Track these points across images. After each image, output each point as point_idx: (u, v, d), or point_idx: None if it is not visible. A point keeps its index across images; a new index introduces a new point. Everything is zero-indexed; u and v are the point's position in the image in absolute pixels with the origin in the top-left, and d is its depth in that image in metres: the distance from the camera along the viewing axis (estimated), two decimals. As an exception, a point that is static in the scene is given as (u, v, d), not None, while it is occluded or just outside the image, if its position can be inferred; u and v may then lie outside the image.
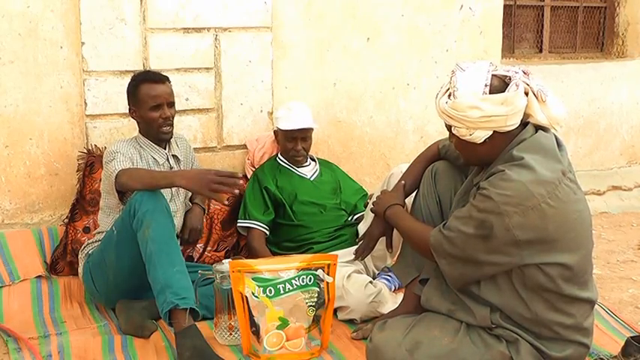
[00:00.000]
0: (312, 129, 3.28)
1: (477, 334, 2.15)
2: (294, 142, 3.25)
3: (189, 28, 3.38)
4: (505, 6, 4.26)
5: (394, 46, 3.92)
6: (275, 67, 3.61)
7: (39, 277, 3.10)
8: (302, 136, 3.25)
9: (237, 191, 2.44)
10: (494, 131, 2.09)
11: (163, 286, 2.46)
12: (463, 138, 2.13)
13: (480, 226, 2.07)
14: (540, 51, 4.79)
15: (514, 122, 2.09)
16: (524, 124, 2.14)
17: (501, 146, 2.12)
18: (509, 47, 4.60)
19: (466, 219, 2.11)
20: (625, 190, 4.78)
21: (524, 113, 2.11)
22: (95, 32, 3.22)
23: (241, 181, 2.37)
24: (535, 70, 4.46)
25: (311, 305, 2.46)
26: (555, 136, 2.16)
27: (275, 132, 3.35)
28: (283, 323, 2.44)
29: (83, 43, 3.22)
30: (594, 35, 4.98)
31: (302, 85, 3.72)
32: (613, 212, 4.64)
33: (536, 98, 2.11)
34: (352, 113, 3.89)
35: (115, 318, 2.79)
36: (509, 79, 2.09)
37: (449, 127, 2.20)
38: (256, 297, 2.41)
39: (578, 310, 2.13)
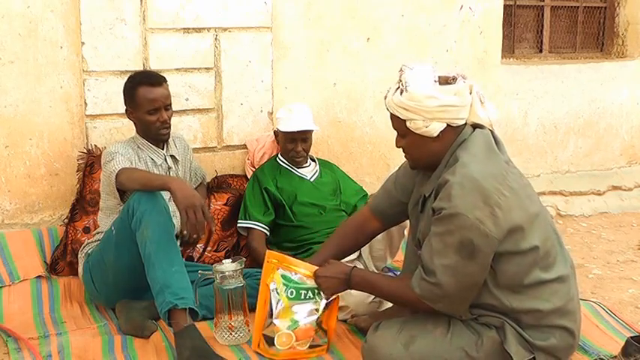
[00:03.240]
0: (312, 130, 3.28)
1: (467, 323, 2.19)
2: (294, 144, 3.25)
3: (189, 28, 3.38)
4: (505, 6, 4.26)
5: (394, 46, 3.92)
6: (275, 67, 3.61)
7: (39, 277, 3.10)
8: (302, 137, 3.24)
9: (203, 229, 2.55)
10: (447, 125, 2.13)
11: (162, 287, 2.47)
12: (418, 132, 2.14)
13: (460, 248, 2.05)
14: (540, 51, 4.79)
15: (464, 116, 2.15)
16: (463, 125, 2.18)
17: (449, 143, 2.16)
18: (509, 47, 4.60)
19: (442, 251, 2.08)
20: (625, 190, 4.78)
21: None
22: (95, 32, 3.22)
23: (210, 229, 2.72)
24: (535, 70, 4.52)
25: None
26: (492, 132, 2.21)
27: (275, 132, 3.35)
28: (293, 324, 2.44)
29: (83, 44, 3.22)
30: (594, 35, 4.98)
31: (302, 86, 3.72)
32: (613, 212, 4.65)
33: (478, 99, 2.18)
34: (352, 113, 3.89)
35: (115, 318, 2.79)
36: (453, 78, 2.15)
37: (400, 127, 2.19)
38: (278, 294, 2.43)
39: (551, 294, 2.14)
